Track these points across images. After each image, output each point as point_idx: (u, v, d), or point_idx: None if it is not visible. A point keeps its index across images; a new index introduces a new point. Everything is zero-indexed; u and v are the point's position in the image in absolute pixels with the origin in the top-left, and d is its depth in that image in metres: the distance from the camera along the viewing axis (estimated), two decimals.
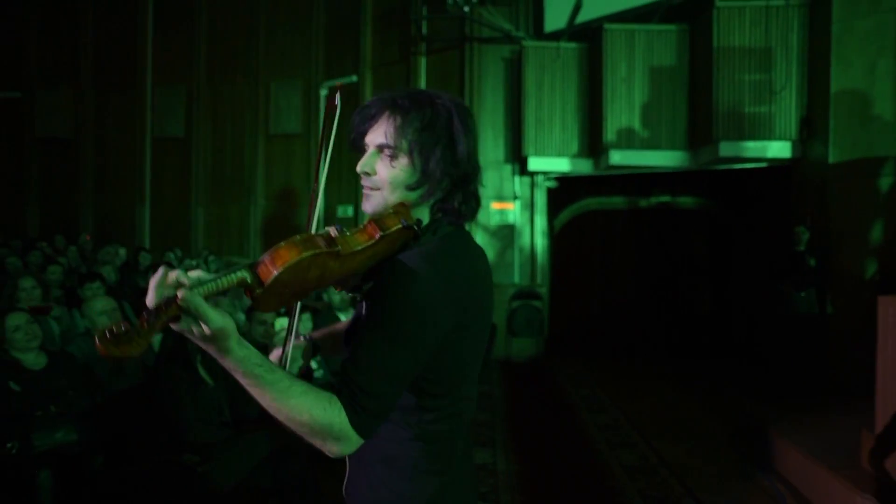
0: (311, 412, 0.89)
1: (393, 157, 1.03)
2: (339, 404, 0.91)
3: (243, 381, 0.88)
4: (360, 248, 0.96)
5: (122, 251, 6.61)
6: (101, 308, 3.05)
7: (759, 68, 5.48)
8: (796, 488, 3.38)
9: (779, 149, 5.49)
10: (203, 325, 0.81)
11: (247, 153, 8.80)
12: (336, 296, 4.04)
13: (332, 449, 0.93)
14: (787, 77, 5.44)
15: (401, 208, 1.04)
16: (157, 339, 3.51)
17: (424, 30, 7.44)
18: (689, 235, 7.62)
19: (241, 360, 0.86)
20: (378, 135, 1.04)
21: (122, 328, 0.77)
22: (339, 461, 1.06)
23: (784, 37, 5.47)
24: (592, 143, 6.47)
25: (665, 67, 6.02)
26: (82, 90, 9.32)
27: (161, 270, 0.81)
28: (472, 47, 7.19)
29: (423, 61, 7.66)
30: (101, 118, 9.34)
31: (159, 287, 0.79)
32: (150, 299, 0.80)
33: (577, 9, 5.81)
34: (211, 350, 0.85)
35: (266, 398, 0.88)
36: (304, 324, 3.54)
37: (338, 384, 0.94)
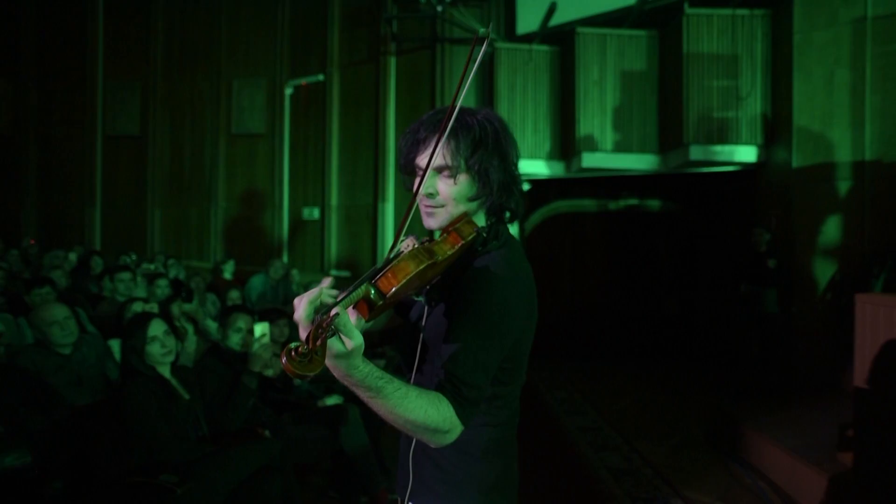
0: (428, 412, 0.98)
1: (452, 176, 1.12)
2: (445, 400, 1.01)
3: (364, 394, 0.95)
4: (448, 255, 1.06)
5: (73, 255, 6.18)
6: (52, 317, 2.74)
7: (726, 74, 5.63)
8: (775, 483, 3.44)
9: (745, 153, 5.65)
10: (346, 342, 0.87)
11: (207, 153, 8.43)
12: None
13: (440, 441, 1.02)
14: (753, 84, 5.62)
15: (466, 217, 1.15)
16: (117, 348, 3.25)
17: (395, 29, 7.32)
18: (658, 237, 7.77)
19: (366, 375, 0.92)
20: (434, 158, 1.11)
21: (305, 348, 0.82)
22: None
23: (749, 45, 5.65)
24: (564, 145, 6.50)
25: (636, 72, 6.12)
26: (23, 82, 8.71)
27: (317, 291, 0.89)
28: (444, 48, 7.12)
29: (392, 61, 7.55)
30: (45, 113, 8.75)
31: (311, 304, 0.87)
32: (302, 315, 0.86)
33: (551, 11, 5.83)
34: (339, 368, 0.89)
35: (386, 407, 0.95)
36: (282, 329, 3.36)
37: (440, 381, 1.04)
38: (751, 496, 3.32)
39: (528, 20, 6.61)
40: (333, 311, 0.84)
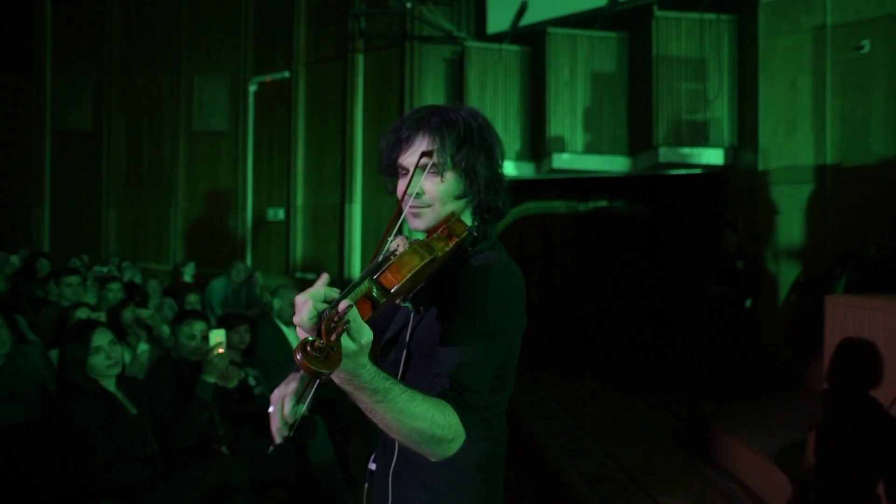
0: (435, 417, 0.91)
1: (439, 174, 1.07)
2: (449, 406, 0.94)
3: (370, 399, 0.87)
4: (444, 253, 1.01)
5: (16, 258, 5.79)
6: None
7: (694, 77, 5.68)
8: (747, 485, 3.43)
9: (713, 156, 5.70)
10: (358, 338, 0.80)
11: (166, 151, 8.08)
12: (277, 302, 3.68)
13: (443, 452, 0.94)
14: (720, 87, 5.68)
15: (454, 216, 1.10)
16: (55, 356, 3.00)
17: (363, 25, 7.16)
18: (628, 239, 7.82)
19: (374, 375, 0.85)
20: (418, 156, 1.07)
21: (321, 343, 0.75)
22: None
23: (716, 49, 5.71)
24: (535, 146, 6.46)
25: (606, 73, 6.12)
26: None
27: (322, 291, 0.82)
28: (413, 46, 6.99)
29: (360, 59, 7.38)
30: None
31: (316, 308, 0.80)
32: (307, 314, 0.79)
33: (521, 10, 5.77)
34: (347, 368, 0.82)
35: (392, 412, 0.88)
36: (242, 335, 3.18)
37: (439, 386, 0.97)
38: (724, 499, 3.30)
39: (498, 19, 6.55)
40: (344, 304, 0.78)
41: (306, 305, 0.80)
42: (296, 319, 0.80)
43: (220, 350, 2.53)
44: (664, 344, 7.33)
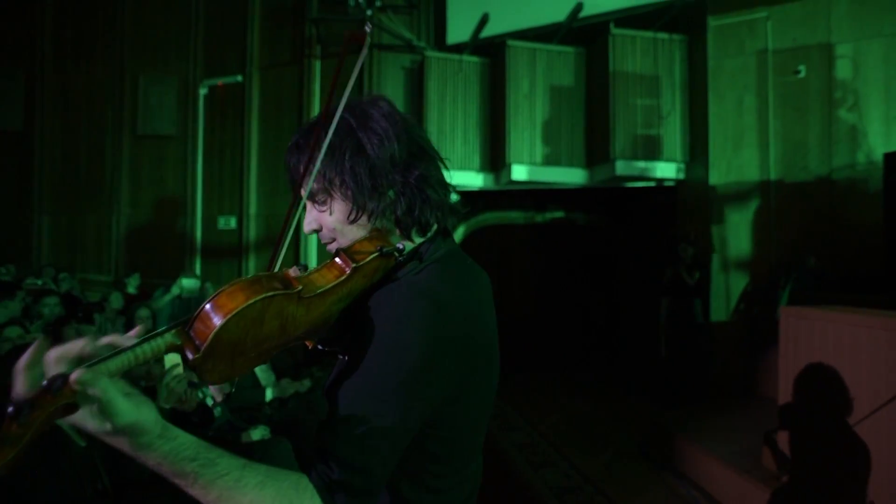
0: None
1: (319, 202, 0.90)
2: (310, 488, 0.72)
3: (174, 481, 0.68)
4: (327, 287, 0.78)
5: None
6: None
7: (648, 94, 5.88)
8: (708, 492, 3.53)
9: (667, 170, 5.91)
10: (107, 420, 0.62)
11: (108, 154, 7.62)
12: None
13: None
14: (673, 104, 5.90)
15: (375, 234, 0.87)
16: None
17: (320, 31, 7.02)
18: (584, 249, 7.98)
19: (165, 457, 0.66)
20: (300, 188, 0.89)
21: None
22: None
23: (669, 67, 5.94)
24: (494, 157, 6.50)
25: (564, 87, 6.24)
26: None
27: (36, 344, 0.61)
28: (371, 53, 6.91)
29: (317, 65, 7.22)
30: None
31: (32, 367, 0.60)
32: (20, 385, 0.59)
33: (483, 21, 5.81)
34: (122, 446, 0.65)
35: (209, 498, 0.69)
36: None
37: (310, 458, 0.75)
38: None
39: (458, 30, 6.57)
40: (74, 376, 0.58)
41: (20, 373, 0.59)
42: (13, 394, 0.60)
43: (177, 372, 2.36)
44: (620, 352, 7.50)
